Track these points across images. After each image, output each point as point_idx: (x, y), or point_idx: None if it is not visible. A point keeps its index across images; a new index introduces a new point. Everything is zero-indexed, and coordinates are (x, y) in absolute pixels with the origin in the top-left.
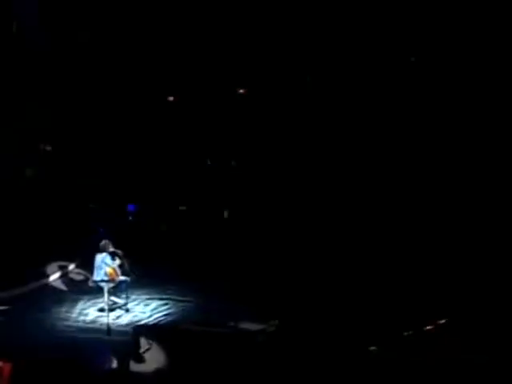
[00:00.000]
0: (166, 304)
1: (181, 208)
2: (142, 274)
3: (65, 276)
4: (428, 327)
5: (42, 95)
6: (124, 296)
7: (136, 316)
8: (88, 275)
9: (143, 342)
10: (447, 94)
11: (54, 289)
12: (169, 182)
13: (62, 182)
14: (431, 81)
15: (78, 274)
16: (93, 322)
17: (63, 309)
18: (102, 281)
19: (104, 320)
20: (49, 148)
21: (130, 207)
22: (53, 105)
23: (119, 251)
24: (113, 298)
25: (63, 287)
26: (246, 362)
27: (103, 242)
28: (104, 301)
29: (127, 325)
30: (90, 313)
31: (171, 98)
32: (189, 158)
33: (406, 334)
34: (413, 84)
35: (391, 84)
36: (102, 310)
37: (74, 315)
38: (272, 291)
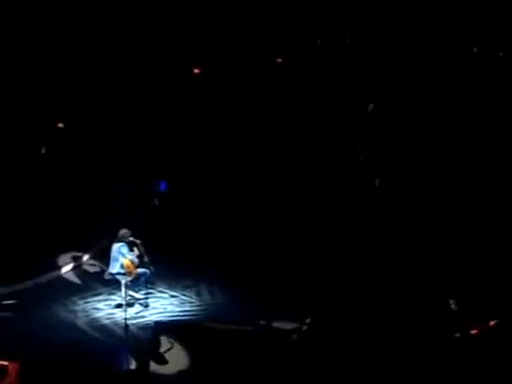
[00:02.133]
0: (190, 299)
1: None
2: (163, 266)
3: (78, 268)
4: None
5: (57, 71)
6: (143, 290)
7: (156, 312)
8: (104, 267)
9: (164, 341)
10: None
11: (67, 282)
12: (191, 162)
13: (76, 160)
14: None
15: (93, 265)
16: (109, 318)
17: (76, 304)
18: (119, 273)
19: (121, 316)
20: (61, 125)
21: (161, 185)
22: (69, 80)
23: (138, 241)
24: (131, 293)
25: (76, 280)
26: (279, 362)
27: (122, 231)
28: (121, 295)
29: (146, 322)
30: (105, 308)
31: (196, 71)
32: (215, 137)
33: (447, 336)
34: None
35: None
36: (119, 305)
37: (87, 311)
38: (303, 288)
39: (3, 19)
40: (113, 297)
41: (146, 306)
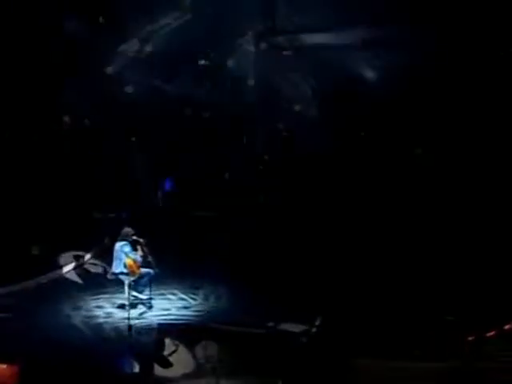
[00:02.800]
0: (195, 300)
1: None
2: (167, 267)
3: (80, 267)
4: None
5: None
6: (147, 291)
7: (160, 313)
8: (106, 267)
9: (168, 343)
10: None
11: (68, 282)
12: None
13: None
14: None
15: (95, 265)
16: (111, 319)
17: (77, 304)
18: (122, 273)
19: (124, 317)
20: (67, 119)
21: (166, 184)
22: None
23: (141, 240)
24: (134, 293)
25: (78, 280)
26: (287, 365)
27: (125, 230)
28: (124, 296)
29: (150, 323)
30: (107, 309)
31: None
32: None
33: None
34: None
35: None
36: (121, 306)
37: (89, 312)
38: (313, 289)
39: (3, 18)
40: (116, 297)
41: (150, 306)
